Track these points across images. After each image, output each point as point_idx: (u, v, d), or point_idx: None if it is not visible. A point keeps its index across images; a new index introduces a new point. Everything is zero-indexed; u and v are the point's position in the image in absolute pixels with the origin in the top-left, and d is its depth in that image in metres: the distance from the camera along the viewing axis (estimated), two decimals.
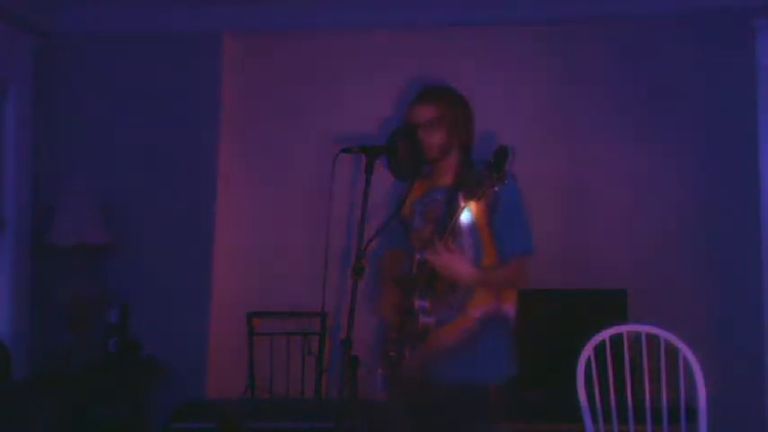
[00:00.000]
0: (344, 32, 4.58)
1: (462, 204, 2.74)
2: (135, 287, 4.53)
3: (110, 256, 4.56)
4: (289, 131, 4.60)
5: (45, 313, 4.52)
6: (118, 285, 4.54)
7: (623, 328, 3.54)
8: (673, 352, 3.41)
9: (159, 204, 4.60)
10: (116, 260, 4.57)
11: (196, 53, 4.64)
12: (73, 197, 4.45)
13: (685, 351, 3.39)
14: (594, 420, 3.43)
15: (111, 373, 4.34)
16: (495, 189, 2.69)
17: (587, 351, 3.44)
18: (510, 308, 3.14)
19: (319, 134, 4.44)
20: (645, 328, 3.50)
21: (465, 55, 4.50)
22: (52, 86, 4.63)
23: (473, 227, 2.99)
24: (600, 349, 3.46)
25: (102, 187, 4.57)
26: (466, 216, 2.79)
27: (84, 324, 4.42)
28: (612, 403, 3.46)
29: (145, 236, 4.59)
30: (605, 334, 3.49)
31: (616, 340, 3.50)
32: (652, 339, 3.46)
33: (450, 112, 3.13)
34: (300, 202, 4.49)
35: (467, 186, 2.72)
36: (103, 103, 4.66)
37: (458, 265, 2.93)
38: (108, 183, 4.60)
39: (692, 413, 3.40)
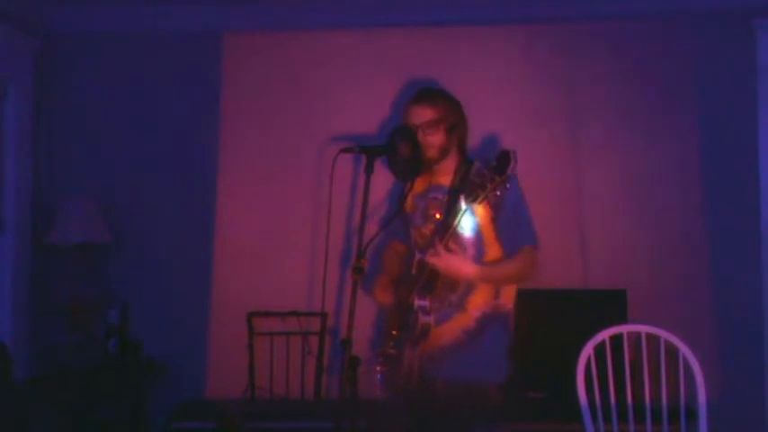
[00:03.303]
0: (344, 32, 4.58)
1: (464, 207, 2.75)
2: (135, 287, 4.53)
3: (110, 256, 4.56)
4: (289, 131, 4.60)
5: (45, 313, 4.52)
6: (118, 285, 4.54)
7: (623, 328, 3.54)
8: (673, 352, 3.41)
9: (159, 204, 4.60)
10: (116, 260, 4.58)
11: (196, 53, 4.64)
12: (73, 197, 4.45)
13: (685, 351, 3.39)
14: (594, 420, 3.43)
15: (111, 373, 4.33)
16: (497, 193, 2.71)
17: (587, 351, 3.44)
18: (509, 305, 3.15)
19: (319, 134, 4.44)
20: (645, 328, 3.50)
21: (465, 54, 4.50)
22: (52, 86, 4.63)
23: (476, 225, 3.01)
24: (600, 349, 3.46)
25: (103, 187, 4.57)
26: (468, 216, 2.80)
27: (85, 324, 4.42)
28: (612, 403, 3.46)
29: (145, 236, 4.59)
30: (605, 334, 3.49)
31: (616, 340, 3.50)
32: (652, 339, 3.46)
33: (449, 114, 3.14)
34: (300, 203, 4.49)
35: (468, 189, 2.73)
36: (103, 103, 4.66)
37: (460, 265, 2.95)
38: (108, 183, 4.60)
39: (692, 413, 3.40)
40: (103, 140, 4.65)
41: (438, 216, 3.10)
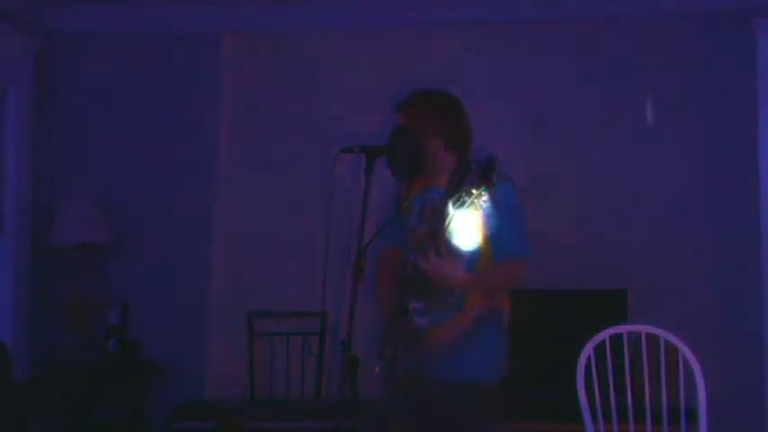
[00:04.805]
0: (344, 32, 4.58)
1: (451, 212, 2.76)
2: (135, 287, 4.53)
3: (110, 256, 4.56)
4: (289, 131, 4.60)
5: (45, 313, 4.52)
6: (118, 285, 4.54)
7: (623, 328, 3.53)
8: (673, 352, 3.41)
9: (159, 204, 4.60)
10: (116, 260, 4.57)
11: (196, 53, 4.64)
12: (73, 197, 4.45)
13: (685, 351, 3.39)
14: (594, 420, 3.43)
15: (111, 373, 4.33)
16: (484, 198, 2.71)
17: (587, 351, 3.44)
18: (504, 305, 3.15)
19: (319, 134, 4.44)
20: (645, 328, 3.49)
21: (464, 55, 4.50)
22: (52, 86, 4.63)
23: (469, 230, 3.00)
24: (600, 349, 3.46)
25: (102, 187, 4.57)
26: (460, 221, 2.80)
27: (85, 324, 4.42)
28: (612, 403, 3.46)
29: (145, 236, 4.59)
30: (605, 334, 3.48)
31: (616, 340, 3.50)
32: (652, 339, 3.46)
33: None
34: (300, 203, 4.49)
35: (456, 194, 2.75)
36: (103, 103, 4.66)
37: (449, 271, 2.95)
38: (108, 183, 4.60)
39: (692, 413, 3.40)
40: (103, 140, 4.65)
41: (432, 217, 3.10)
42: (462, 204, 2.73)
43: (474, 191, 2.69)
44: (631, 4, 4.38)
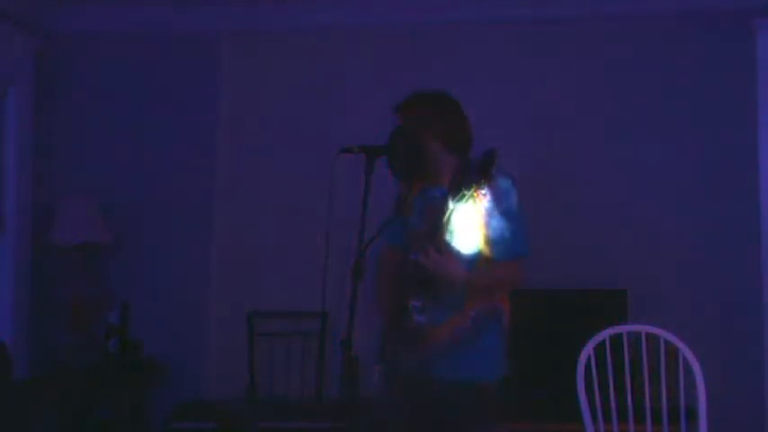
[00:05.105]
0: (344, 33, 4.58)
1: (451, 207, 2.76)
2: (135, 287, 4.53)
3: (110, 256, 4.56)
4: (288, 131, 4.60)
5: (45, 313, 4.52)
6: (118, 285, 4.54)
7: (623, 328, 3.53)
8: (673, 352, 3.41)
9: (159, 204, 4.60)
10: (116, 260, 4.57)
11: (196, 53, 4.64)
12: (73, 197, 4.45)
13: (685, 351, 3.39)
14: (594, 420, 3.43)
15: (111, 373, 4.33)
16: (483, 192, 2.71)
17: (587, 351, 3.44)
18: (505, 305, 3.15)
19: (319, 134, 4.44)
20: (645, 328, 3.49)
21: (465, 54, 4.50)
22: (52, 87, 4.63)
23: (469, 227, 3.00)
24: (600, 349, 3.46)
25: (102, 187, 4.57)
26: (459, 217, 2.80)
27: (85, 324, 4.42)
28: (612, 403, 3.46)
29: (145, 236, 4.60)
30: (605, 334, 3.48)
31: (616, 340, 3.49)
32: (652, 339, 3.46)
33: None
34: (300, 203, 4.49)
35: (455, 189, 2.75)
36: (103, 103, 4.66)
37: (449, 268, 2.95)
38: (108, 183, 4.60)
39: (692, 413, 3.40)
40: (103, 140, 4.65)
41: (433, 215, 3.10)
42: (462, 198, 2.72)
43: (474, 184, 2.69)
44: (631, 4, 4.38)
